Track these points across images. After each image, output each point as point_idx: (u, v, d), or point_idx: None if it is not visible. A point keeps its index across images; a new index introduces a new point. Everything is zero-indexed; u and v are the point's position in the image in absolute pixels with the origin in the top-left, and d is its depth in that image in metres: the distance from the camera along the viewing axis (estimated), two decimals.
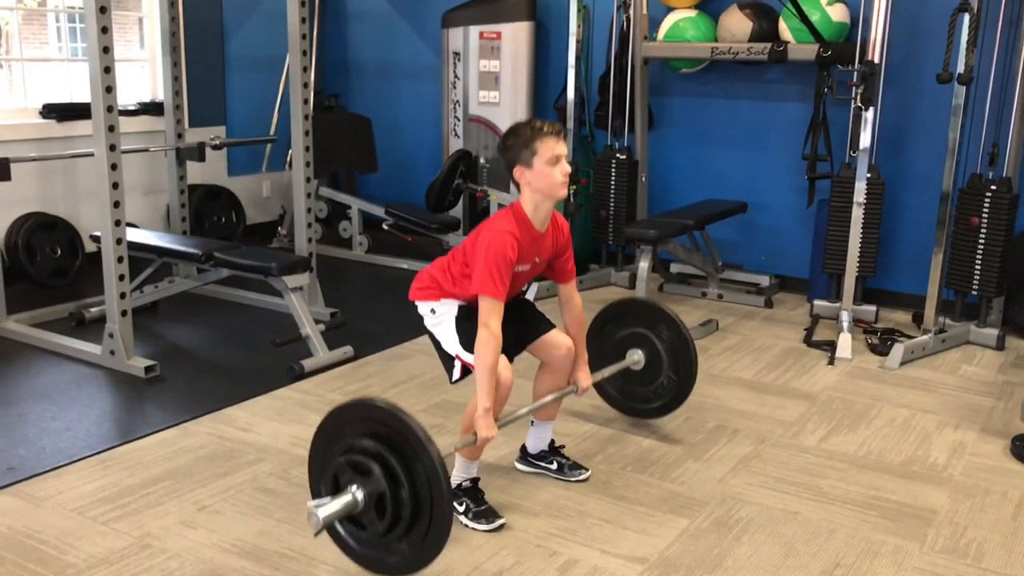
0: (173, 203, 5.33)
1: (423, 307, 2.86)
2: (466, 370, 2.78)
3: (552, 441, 3.12)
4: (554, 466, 3.09)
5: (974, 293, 4.54)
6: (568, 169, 2.67)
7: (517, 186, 2.70)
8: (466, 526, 2.75)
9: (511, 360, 2.79)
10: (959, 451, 3.36)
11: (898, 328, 4.74)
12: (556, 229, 2.82)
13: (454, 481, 2.84)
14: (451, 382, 2.84)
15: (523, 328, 2.90)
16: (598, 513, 2.85)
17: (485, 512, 2.77)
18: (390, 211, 5.99)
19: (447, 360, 2.84)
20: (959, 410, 3.76)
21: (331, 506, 2.29)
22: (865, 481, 3.11)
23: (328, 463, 2.38)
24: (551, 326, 2.95)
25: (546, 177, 2.63)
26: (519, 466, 3.14)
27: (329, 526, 2.37)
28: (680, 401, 3.37)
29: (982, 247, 4.45)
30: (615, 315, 3.40)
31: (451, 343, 2.80)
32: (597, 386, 3.34)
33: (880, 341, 4.52)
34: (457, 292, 2.79)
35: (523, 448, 3.14)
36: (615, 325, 3.39)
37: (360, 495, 2.29)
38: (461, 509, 2.78)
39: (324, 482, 2.40)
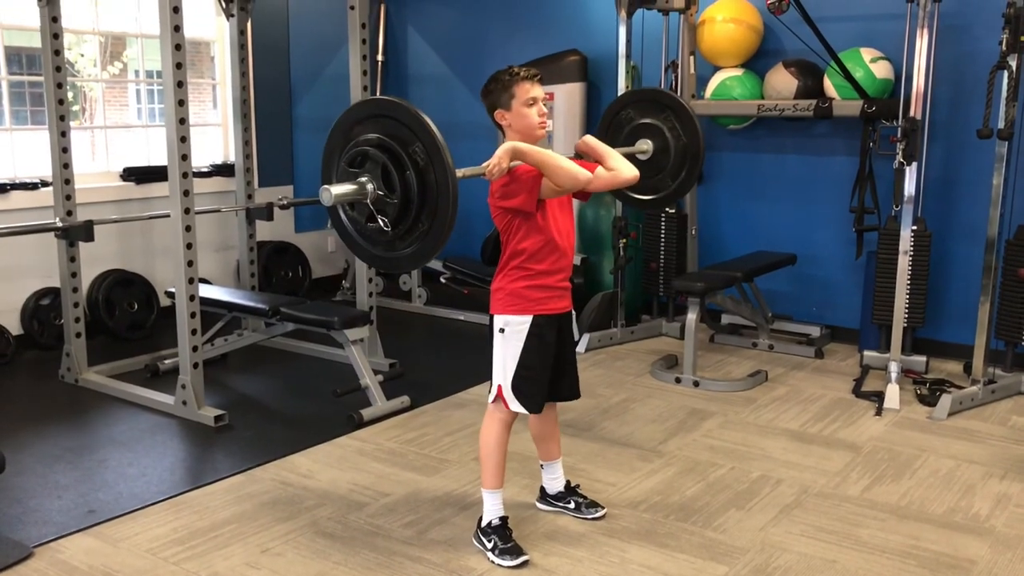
0: (243, 259, 5.61)
1: (498, 321, 2.94)
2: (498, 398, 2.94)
3: (568, 481, 3.28)
4: (572, 505, 3.24)
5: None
6: (545, 111, 2.87)
7: (500, 129, 2.90)
8: (492, 562, 2.90)
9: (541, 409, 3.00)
10: (1003, 502, 3.39)
11: (948, 379, 4.76)
12: None
13: (484, 519, 2.99)
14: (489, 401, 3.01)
15: (558, 382, 3.06)
16: (640, 560, 2.95)
17: (511, 549, 2.91)
18: (448, 265, 6.22)
19: (492, 381, 2.98)
20: (1006, 461, 3.78)
21: (341, 186, 2.60)
22: (905, 531, 3.16)
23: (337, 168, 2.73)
24: (576, 395, 3.14)
25: (524, 117, 2.83)
26: (539, 505, 3.30)
27: (344, 225, 2.73)
28: (691, 182, 3.88)
29: None
30: (624, 105, 4.01)
31: (503, 371, 2.92)
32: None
33: (929, 392, 4.54)
34: (520, 287, 2.90)
35: (542, 489, 3.30)
36: (624, 115, 3.96)
37: (368, 183, 2.60)
38: (490, 546, 2.93)
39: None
